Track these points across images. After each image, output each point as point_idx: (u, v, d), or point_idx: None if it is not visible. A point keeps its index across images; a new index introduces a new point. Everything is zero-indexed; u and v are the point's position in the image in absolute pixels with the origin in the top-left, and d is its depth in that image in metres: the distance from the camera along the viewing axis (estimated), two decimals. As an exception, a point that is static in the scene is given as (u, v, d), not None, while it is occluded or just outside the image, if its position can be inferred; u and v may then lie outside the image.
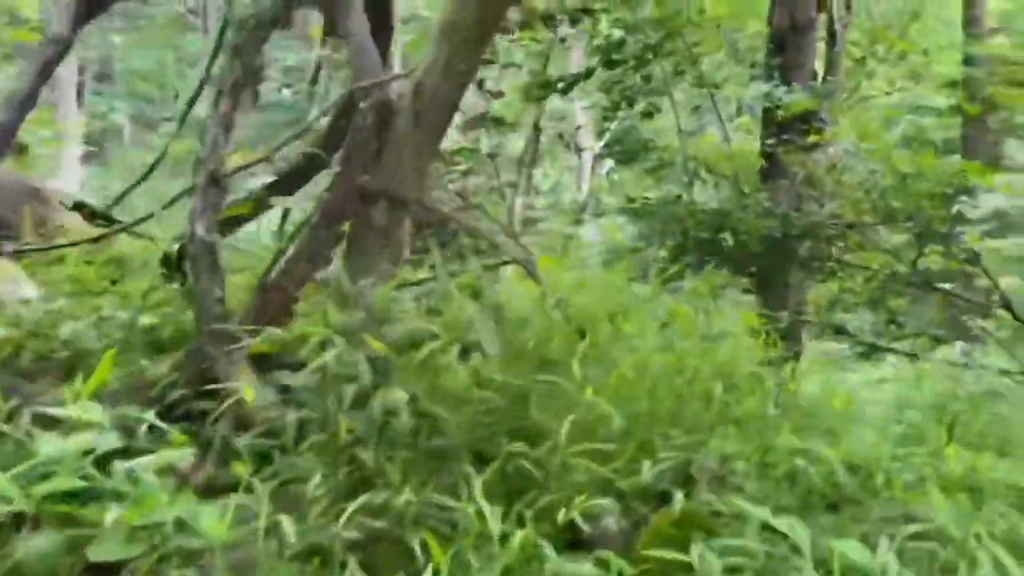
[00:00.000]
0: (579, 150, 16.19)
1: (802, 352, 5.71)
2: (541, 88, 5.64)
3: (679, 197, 6.33)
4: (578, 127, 14.49)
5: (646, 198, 6.48)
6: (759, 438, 2.82)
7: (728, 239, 6.29)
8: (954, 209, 6.78)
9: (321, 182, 2.88)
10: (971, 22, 14.24)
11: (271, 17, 2.58)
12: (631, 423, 2.25)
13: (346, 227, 2.59)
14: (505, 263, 2.89)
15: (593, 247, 11.07)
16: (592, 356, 2.30)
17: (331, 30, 2.77)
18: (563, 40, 7.64)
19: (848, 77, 8.33)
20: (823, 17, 7.93)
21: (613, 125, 6.71)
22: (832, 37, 8.28)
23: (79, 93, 16.26)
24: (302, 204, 2.79)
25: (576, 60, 9.84)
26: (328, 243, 2.50)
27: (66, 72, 14.16)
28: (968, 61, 12.25)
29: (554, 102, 7.85)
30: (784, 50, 7.15)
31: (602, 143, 8.33)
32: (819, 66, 7.90)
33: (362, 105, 2.53)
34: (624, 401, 2.25)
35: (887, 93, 7.93)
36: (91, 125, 16.84)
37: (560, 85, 5.72)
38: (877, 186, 6.02)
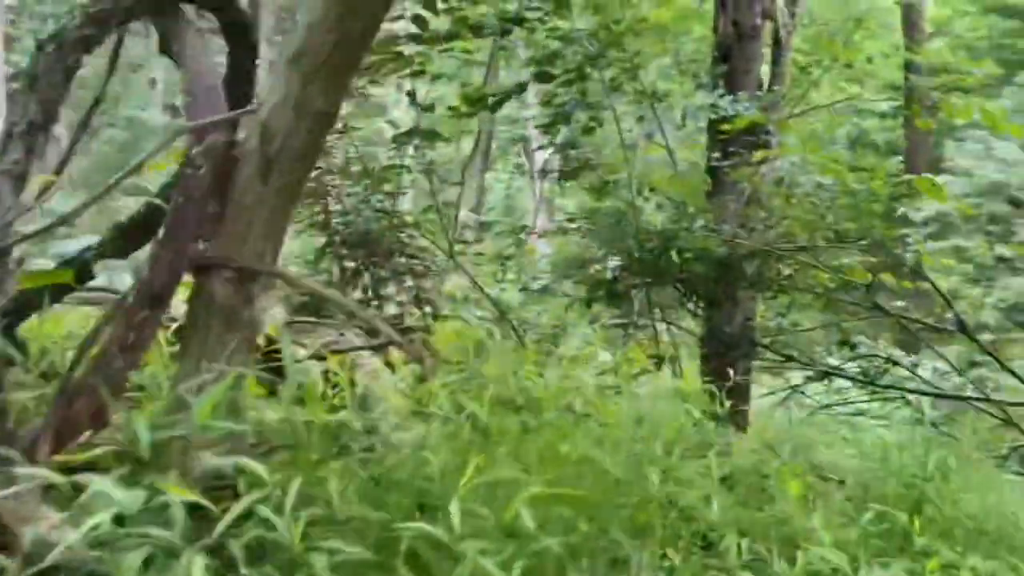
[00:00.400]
0: (530, 155, 15.66)
1: (747, 411, 5.23)
2: (470, 104, 5.06)
3: (622, 217, 5.81)
4: (523, 138, 13.97)
5: (586, 216, 5.96)
6: (704, 529, 2.30)
7: (675, 258, 5.81)
8: (898, 212, 6.40)
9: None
10: (910, 27, 14.08)
11: (77, 39, 1.96)
12: (534, 563, 1.70)
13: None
14: (389, 343, 2.30)
15: (543, 260, 10.56)
16: (488, 479, 1.73)
17: (164, 48, 2.14)
18: (503, 48, 7.08)
19: (794, 85, 7.91)
20: (768, 25, 7.47)
21: (558, 139, 6.17)
22: (777, 45, 7.87)
23: (11, 100, 15.21)
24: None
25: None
26: (151, 330, 1.89)
27: (-7, 79, 13.17)
28: (908, 66, 12.04)
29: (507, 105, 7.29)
30: (729, 58, 6.69)
31: (545, 155, 7.79)
32: (764, 73, 7.47)
33: (193, 151, 1.92)
34: (526, 539, 1.69)
35: (835, 103, 7.52)
36: (25, 134, 15.74)
37: (491, 101, 5.15)
38: (824, 202, 5.60)
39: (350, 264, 6.82)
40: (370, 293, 6.94)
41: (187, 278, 2.02)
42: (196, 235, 1.94)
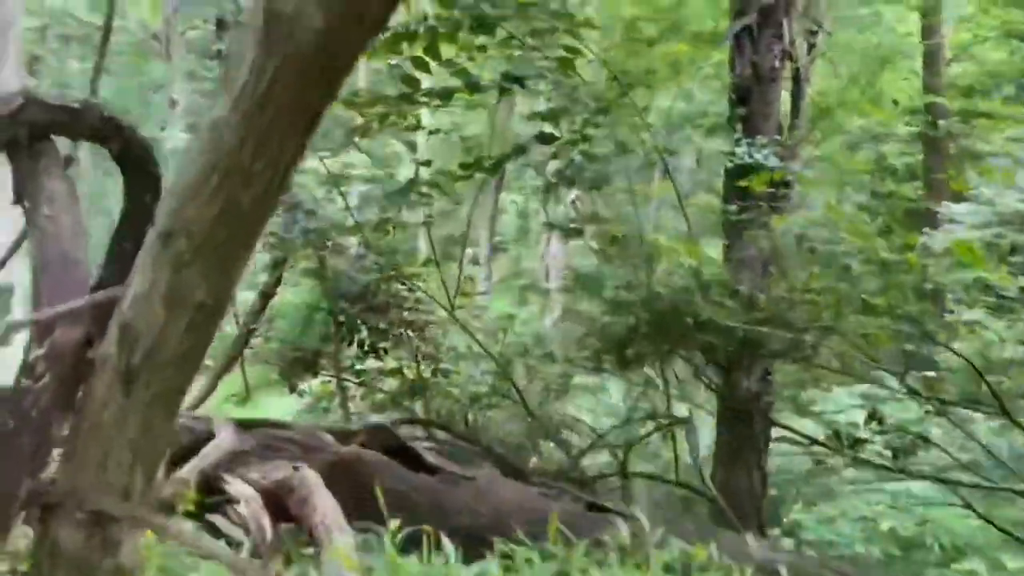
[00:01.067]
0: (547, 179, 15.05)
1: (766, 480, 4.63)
2: (466, 168, 4.50)
3: (632, 277, 5.24)
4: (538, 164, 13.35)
5: (587, 275, 5.40)
6: None
7: (690, 323, 5.22)
8: (919, 242, 5.79)
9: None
10: (930, 55, 13.30)
11: None
12: None
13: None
14: None
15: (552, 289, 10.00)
16: None
17: (18, 197, 1.60)
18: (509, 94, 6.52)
19: (814, 126, 7.29)
20: (788, 64, 6.84)
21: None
22: (796, 83, 7.26)
23: None
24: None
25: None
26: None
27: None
28: (929, 108, 11.35)
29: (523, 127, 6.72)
30: (748, 102, 6.11)
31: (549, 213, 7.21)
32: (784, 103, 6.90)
33: (35, 353, 1.38)
34: None
35: (850, 148, 6.88)
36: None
37: (488, 164, 4.58)
38: (850, 270, 4.98)
39: (346, 317, 6.33)
40: (367, 347, 6.45)
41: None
42: (33, 468, 1.39)
